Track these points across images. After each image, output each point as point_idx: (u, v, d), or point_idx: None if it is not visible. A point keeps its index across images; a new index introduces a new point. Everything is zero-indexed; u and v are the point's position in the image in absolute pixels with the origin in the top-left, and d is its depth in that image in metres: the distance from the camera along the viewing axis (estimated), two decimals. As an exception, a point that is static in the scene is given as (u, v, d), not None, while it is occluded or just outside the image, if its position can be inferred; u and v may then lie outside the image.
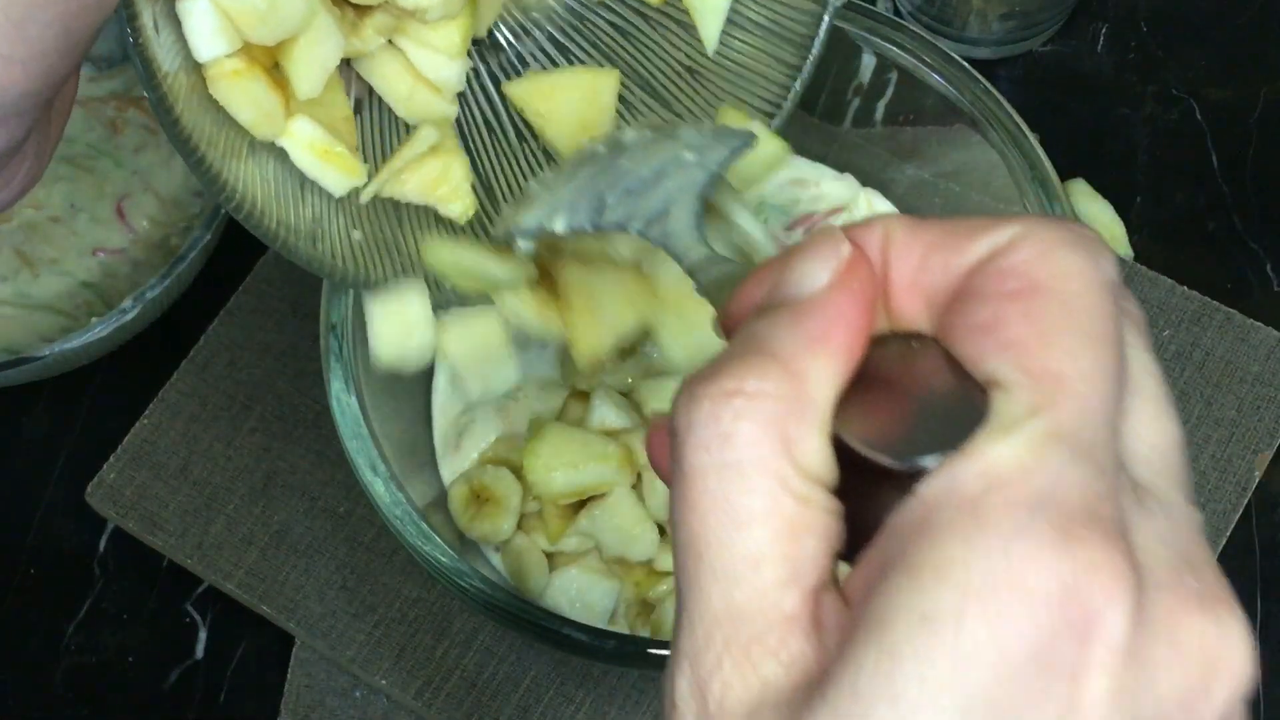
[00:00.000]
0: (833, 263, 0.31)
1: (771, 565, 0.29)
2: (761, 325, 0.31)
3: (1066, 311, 0.29)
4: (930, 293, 0.31)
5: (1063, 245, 0.29)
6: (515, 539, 0.65)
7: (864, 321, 0.31)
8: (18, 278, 0.75)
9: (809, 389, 0.30)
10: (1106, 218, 0.76)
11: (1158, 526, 0.29)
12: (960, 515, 0.27)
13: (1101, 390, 0.29)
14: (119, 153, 0.77)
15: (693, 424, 0.29)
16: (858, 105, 0.70)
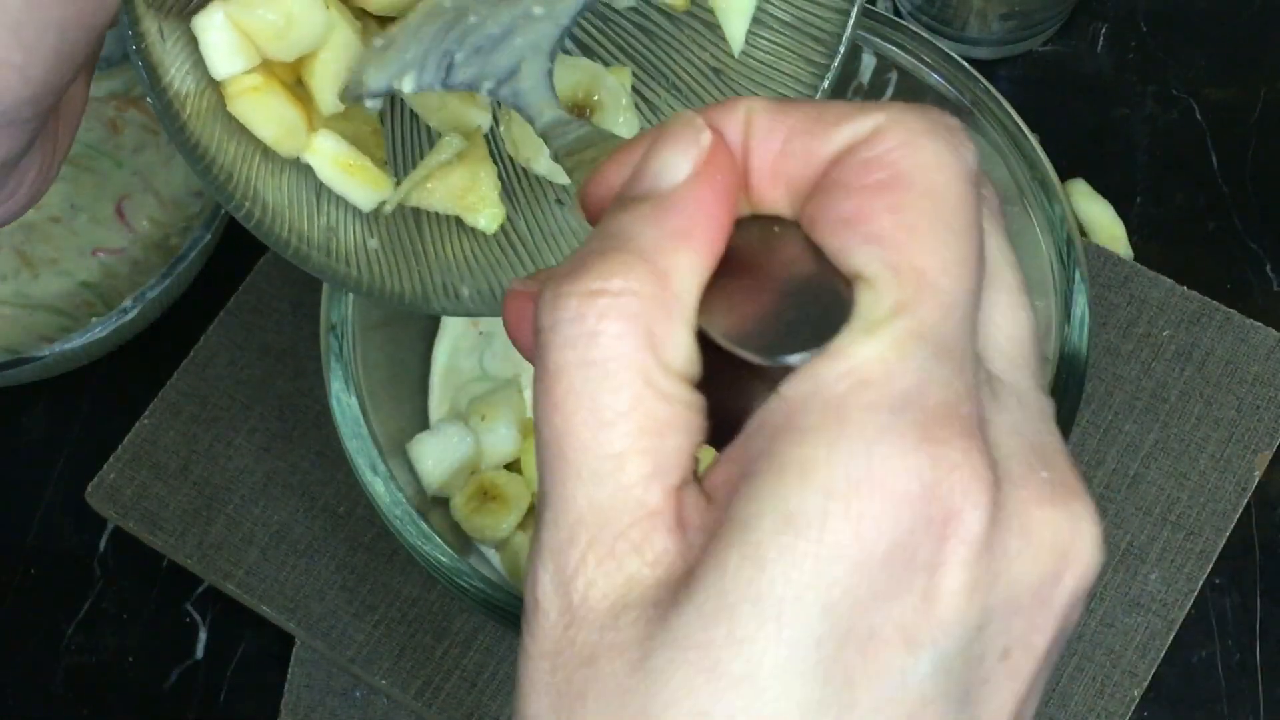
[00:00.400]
0: (693, 152, 0.30)
1: (635, 462, 0.29)
2: (624, 220, 0.30)
3: (931, 204, 0.29)
4: (792, 179, 0.31)
5: (926, 134, 0.29)
6: (515, 538, 0.65)
7: (727, 214, 0.31)
8: (17, 277, 0.75)
9: (673, 285, 0.29)
10: (1106, 218, 0.76)
11: (1013, 419, 0.30)
12: (825, 416, 0.28)
13: (964, 285, 0.29)
14: (119, 153, 0.77)
15: (558, 322, 0.29)
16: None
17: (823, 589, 0.27)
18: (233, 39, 0.46)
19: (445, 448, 0.64)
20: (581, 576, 0.29)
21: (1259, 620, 0.69)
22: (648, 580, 0.29)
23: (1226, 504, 0.68)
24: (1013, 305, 0.32)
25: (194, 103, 0.46)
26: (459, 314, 0.53)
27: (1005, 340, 0.32)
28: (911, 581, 0.28)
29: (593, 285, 0.29)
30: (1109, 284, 0.72)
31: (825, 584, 0.27)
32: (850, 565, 0.27)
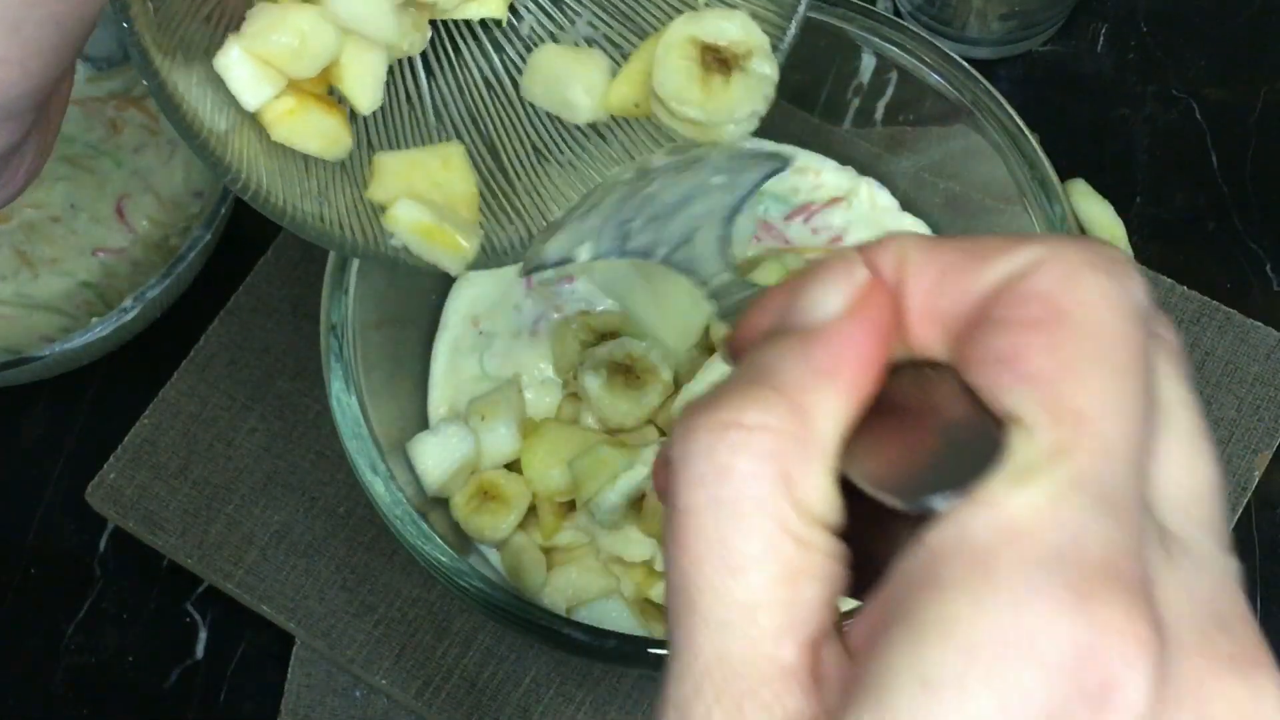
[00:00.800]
0: (847, 289, 0.29)
1: (767, 613, 0.27)
2: (767, 354, 0.29)
3: (1092, 342, 0.27)
4: (947, 319, 0.29)
5: (1088, 268, 0.27)
6: (514, 537, 0.65)
7: (877, 355, 0.29)
8: (18, 277, 0.75)
9: (814, 425, 0.28)
10: (1106, 218, 0.76)
11: (1186, 580, 0.27)
12: (969, 569, 0.25)
13: (1128, 430, 0.27)
14: (119, 152, 0.77)
15: (688, 457, 0.28)
16: (858, 105, 0.70)
17: None
18: (255, 70, 0.47)
19: (445, 448, 0.64)
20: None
21: (1259, 620, 0.69)
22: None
23: (1226, 504, 0.68)
24: (1191, 454, 0.29)
25: (234, 139, 0.47)
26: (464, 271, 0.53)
27: (1181, 492, 0.29)
28: None
29: (726, 417, 0.28)
30: (1109, 284, 0.72)
31: None
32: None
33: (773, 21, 0.53)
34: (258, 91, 0.47)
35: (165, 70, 0.45)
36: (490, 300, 0.70)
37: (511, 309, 0.70)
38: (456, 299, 0.70)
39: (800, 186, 0.71)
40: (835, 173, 0.71)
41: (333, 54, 0.48)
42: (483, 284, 0.70)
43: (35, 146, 0.46)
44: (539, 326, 0.69)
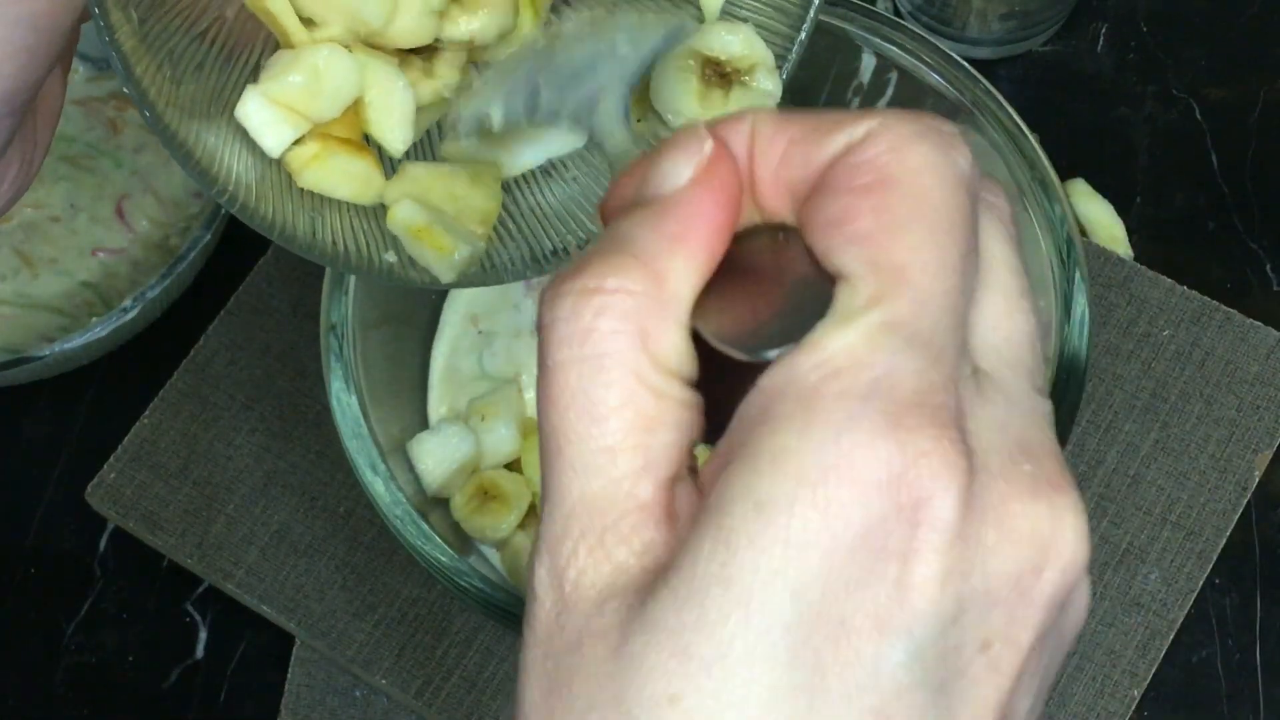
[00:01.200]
0: (695, 159, 0.31)
1: (626, 456, 0.30)
2: (624, 224, 0.31)
3: (914, 204, 0.29)
4: (793, 186, 0.31)
5: (915, 138, 0.30)
6: (514, 537, 0.65)
7: (724, 219, 0.31)
8: (17, 277, 0.75)
9: (668, 286, 0.30)
10: (1107, 218, 0.76)
11: (996, 414, 0.30)
12: (796, 405, 0.28)
13: (944, 281, 0.29)
14: (119, 153, 0.77)
15: (555, 320, 0.30)
16: (858, 106, 0.70)
17: (791, 575, 0.28)
18: (274, 114, 0.46)
19: (445, 447, 0.64)
20: (573, 567, 0.30)
21: (1259, 620, 0.69)
22: (634, 570, 0.29)
23: (1226, 504, 0.68)
24: (1010, 308, 0.32)
25: (261, 188, 0.47)
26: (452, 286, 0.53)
27: (999, 340, 0.32)
28: (883, 569, 0.28)
29: (589, 284, 0.30)
30: (1109, 284, 0.72)
31: (794, 570, 0.28)
32: (819, 552, 0.28)
33: (780, 32, 0.52)
34: (280, 135, 0.46)
35: (141, 70, 0.44)
36: (490, 300, 0.70)
37: (511, 308, 0.70)
38: (456, 299, 0.70)
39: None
40: None
41: (353, 91, 0.47)
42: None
43: (20, 157, 0.45)
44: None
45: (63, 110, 0.78)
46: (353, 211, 0.50)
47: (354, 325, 0.62)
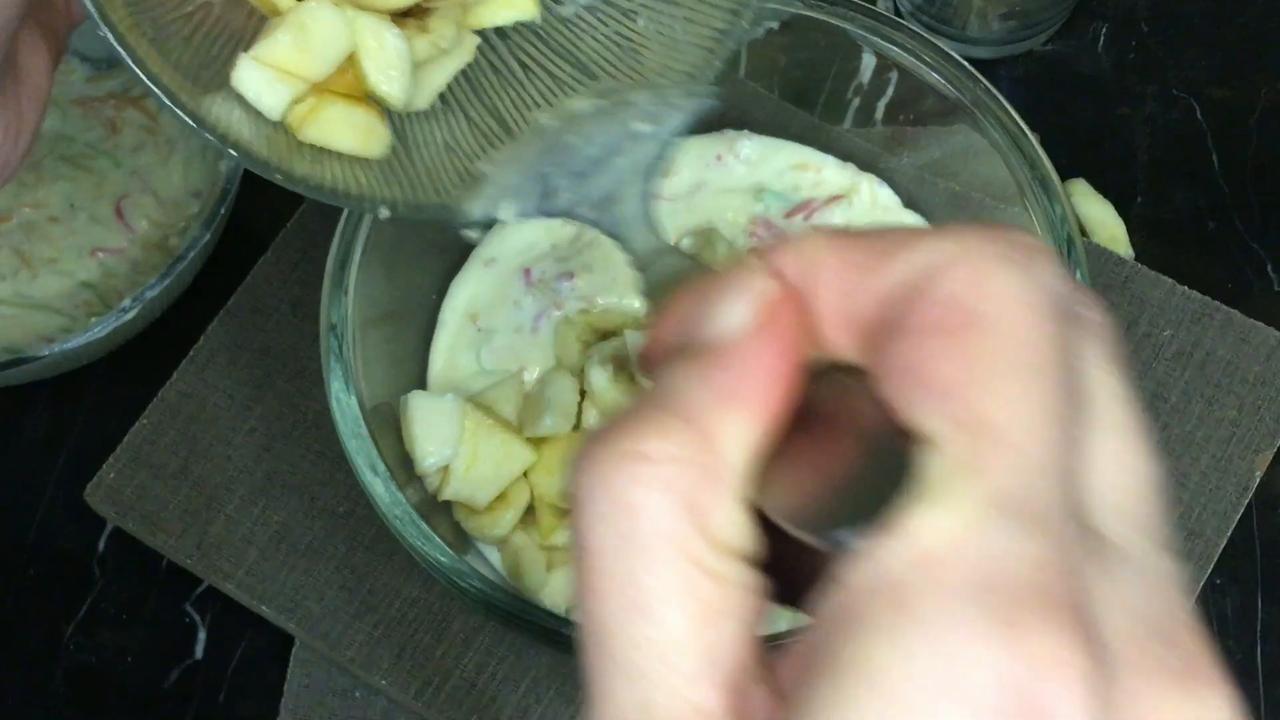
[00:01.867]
0: (749, 302, 0.27)
1: (684, 657, 0.25)
2: (669, 376, 0.27)
3: (1002, 346, 0.25)
4: (858, 321, 0.27)
5: (997, 262, 0.26)
6: (514, 537, 0.65)
7: (785, 373, 0.27)
8: (16, 277, 0.75)
9: (721, 452, 0.26)
10: (1107, 217, 0.76)
11: (1125, 591, 0.25)
12: (887, 609, 0.24)
13: (1046, 437, 0.25)
14: (118, 152, 0.77)
15: (591, 491, 0.26)
16: (858, 105, 0.70)
17: None
18: (268, 75, 0.46)
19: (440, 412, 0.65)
20: None
21: (1260, 621, 0.69)
22: None
23: (1227, 505, 0.68)
24: (1124, 451, 0.27)
25: (274, 146, 0.47)
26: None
27: (1115, 494, 0.27)
28: None
29: (627, 447, 0.26)
30: (1109, 284, 0.72)
31: None
32: None
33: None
34: (276, 95, 0.46)
35: (125, 30, 0.44)
36: (489, 297, 0.70)
37: (511, 305, 0.70)
38: (454, 296, 0.70)
39: (801, 184, 0.71)
40: (836, 169, 0.71)
41: (343, 45, 0.47)
42: (481, 280, 0.70)
43: (1, 127, 0.44)
44: (539, 323, 0.69)
45: (63, 110, 0.78)
46: (359, 163, 0.49)
47: (354, 325, 0.62)
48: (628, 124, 0.41)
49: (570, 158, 0.41)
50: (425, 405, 0.64)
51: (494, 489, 0.64)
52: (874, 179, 0.71)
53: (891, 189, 0.71)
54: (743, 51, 0.71)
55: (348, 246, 0.63)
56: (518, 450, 0.64)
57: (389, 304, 0.66)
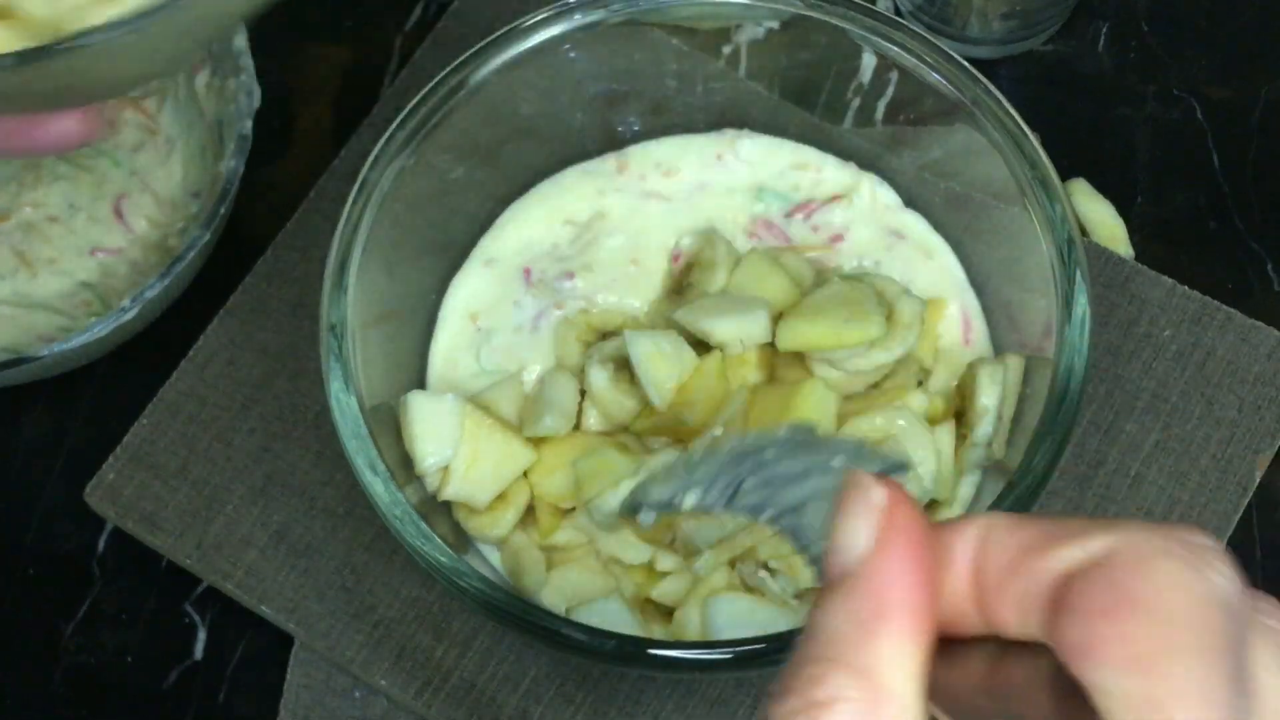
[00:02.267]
0: (871, 517, 0.30)
1: None
2: (821, 612, 0.29)
3: (1165, 630, 0.27)
4: (1020, 597, 0.29)
5: (1162, 556, 0.28)
6: (514, 536, 0.65)
7: (923, 584, 0.29)
8: (15, 277, 0.75)
9: (884, 682, 0.28)
10: (1107, 217, 0.75)
11: None
12: None
13: (1209, 716, 0.27)
14: (117, 152, 0.77)
15: None
16: (858, 105, 0.70)
17: None
18: None
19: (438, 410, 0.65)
20: None
21: (1260, 621, 0.69)
22: None
23: (1228, 504, 0.68)
24: None
25: None
26: None
27: None
28: None
29: (796, 705, 0.28)
30: (1110, 284, 0.72)
31: None
32: None
33: None
34: None
35: None
36: (489, 296, 0.70)
37: (511, 304, 0.70)
38: (454, 295, 0.70)
39: (801, 183, 0.71)
40: (836, 168, 0.71)
41: None
42: (481, 280, 0.70)
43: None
44: (539, 323, 0.69)
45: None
46: None
47: (353, 325, 0.62)
48: (826, 459, 0.44)
49: (766, 468, 0.44)
50: (425, 405, 0.64)
51: (494, 489, 0.64)
52: (874, 178, 0.71)
53: (892, 188, 0.71)
54: (743, 51, 0.71)
55: (348, 246, 0.63)
56: (518, 450, 0.64)
57: (389, 304, 0.66)
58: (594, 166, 0.72)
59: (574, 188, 0.72)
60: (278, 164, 0.79)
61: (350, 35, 0.82)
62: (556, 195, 0.72)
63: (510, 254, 0.71)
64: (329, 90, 0.80)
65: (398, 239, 0.66)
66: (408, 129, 0.65)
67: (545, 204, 0.72)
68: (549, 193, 0.72)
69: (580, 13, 0.67)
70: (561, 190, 0.72)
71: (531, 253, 0.71)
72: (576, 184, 0.72)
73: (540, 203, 0.72)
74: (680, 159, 0.72)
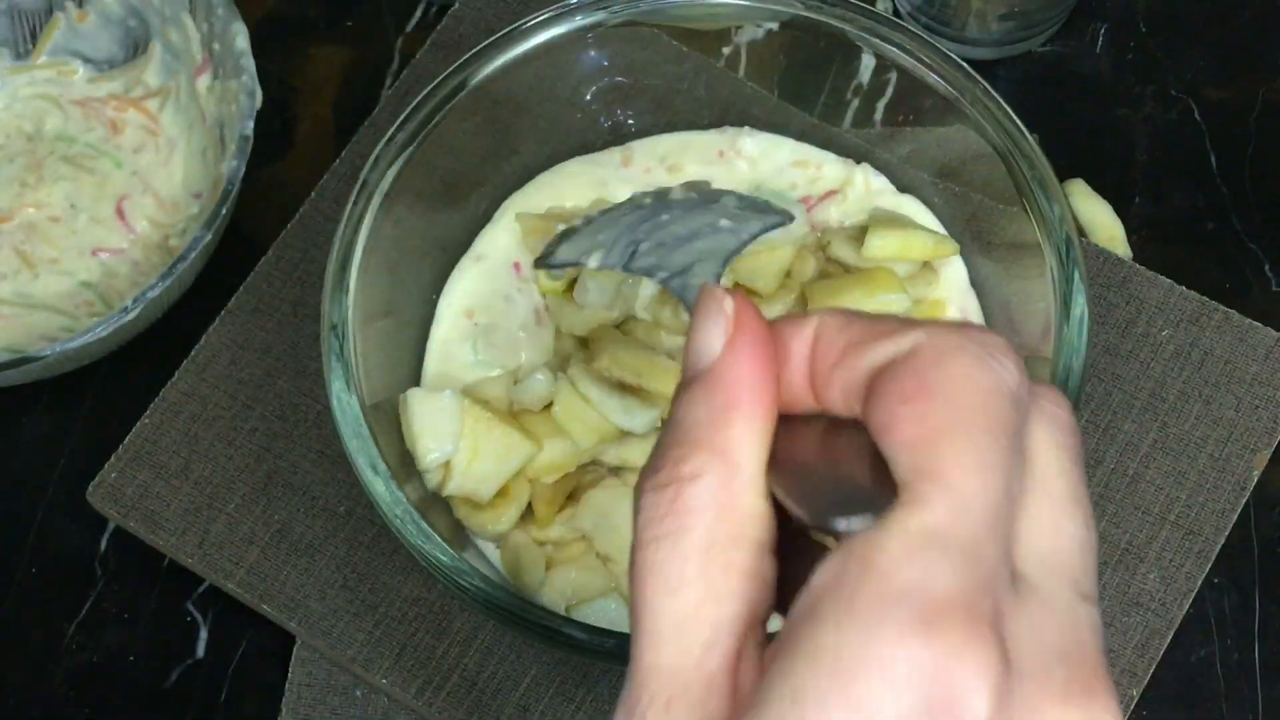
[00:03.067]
0: (720, 323, 0.34)
1: (695, 628, 0.32)
2: (681, 405, 0.34)
3: (952, 414, 0.31)
4: (844, 385, 0.33)
5: (956, 350, 0.32)
6: (514, 534, 0.65)
7: (765, 377, 0.34)
8: (18, 277, 0.75)
9: (733, 458, 0.33)
10: (1106, 218, 0.76)
11: (1035, 619, 0.31)
12: (835, 604, 0.30)
13: (984, 487, 0.31)
14: (119, 153, 0.77)
15: (641, 508, 0.33)
16: (857, 105, 0.70)
17: None
18: None
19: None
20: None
21: (1258, 619, 0.69)
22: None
23: (1225, 503, 0.68)
24: (1058, 515, 0.33)
25: None
26: None
27: (1043, 545, 0.33)
28: None
29: (663, 479, 0.33)
30: (1108, 284, 0.72)
31: None
32: None
33: None
34: None
35: None
36: (483, 292, 0.70)
37: (503, 300, 0.70)
38: (451, 293, 0.70)
39: (799, 181, 0.71)
40: (835, 165, 0.72)
41: None
42: (474, 277, 0.70)
43: None
44: (533, 316, 0.69)
45: (64, 111, 0.78)
46: None
47: (355, 325, 0.62)
48: (714, 219, 0.47)
49: (659, 231, 0.48)
50: (425, 401, 0.64)
51: (496, 483, 0.64)
52: (867, 167, 0.71)
53: (887, 176, 0.71)
54: (743, 51, 0.71)
55: (348, 247, 0.63)
56: (518, 444, 0.64)
57: (390, 303, 0.66)
58: (598, 158, 0.72)
59: (577, 175, 0.72)
60: (279, 164, 0.79)
61: (351, 36, 0.82)
62: (559, 183, 0.72)
63: (498, 250, 0.71)
64: (330, 91, 0.81)
65: (398, 239, 0.66)
66: (408, 130, 0.65)
67: (545, 192, 0.72)
68: (550, 181, 0.72)
69: (581, 14, 0.67)
70: (564, 179, 0.72)
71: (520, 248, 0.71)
72: (580, 172, 0.72)
73: (539, 190, 0.72)
74: (683, 154, 0.72)
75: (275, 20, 0.82)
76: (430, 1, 0.82)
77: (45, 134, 0.78)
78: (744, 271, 0.68)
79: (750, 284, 0.68)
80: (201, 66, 0.75)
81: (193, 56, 0.75)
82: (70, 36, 0.78)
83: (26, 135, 0.78)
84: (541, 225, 0.70)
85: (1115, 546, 0.68)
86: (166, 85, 0.77)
